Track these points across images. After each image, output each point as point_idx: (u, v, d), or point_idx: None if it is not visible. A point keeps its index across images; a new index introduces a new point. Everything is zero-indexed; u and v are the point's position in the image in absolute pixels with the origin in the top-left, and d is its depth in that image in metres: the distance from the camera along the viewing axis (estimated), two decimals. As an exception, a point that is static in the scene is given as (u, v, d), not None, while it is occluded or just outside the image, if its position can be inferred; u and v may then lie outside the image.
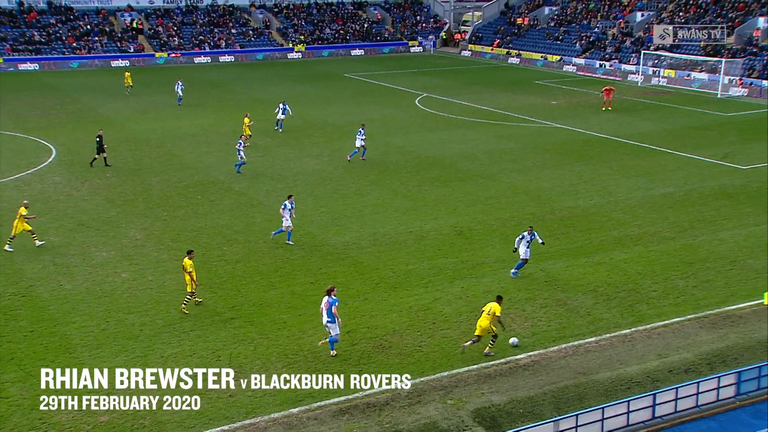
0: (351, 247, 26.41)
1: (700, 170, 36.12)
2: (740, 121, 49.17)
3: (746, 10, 69.49)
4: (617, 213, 29.82)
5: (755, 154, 39.26)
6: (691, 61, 66.40)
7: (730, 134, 44.70)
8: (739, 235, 27.14)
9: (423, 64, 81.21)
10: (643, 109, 53.94)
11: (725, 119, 49.86)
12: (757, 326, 20.29)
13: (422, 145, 41.79)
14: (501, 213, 29.90)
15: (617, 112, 52.30)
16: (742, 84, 60.36)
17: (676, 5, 76.68)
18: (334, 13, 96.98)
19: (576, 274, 23.77)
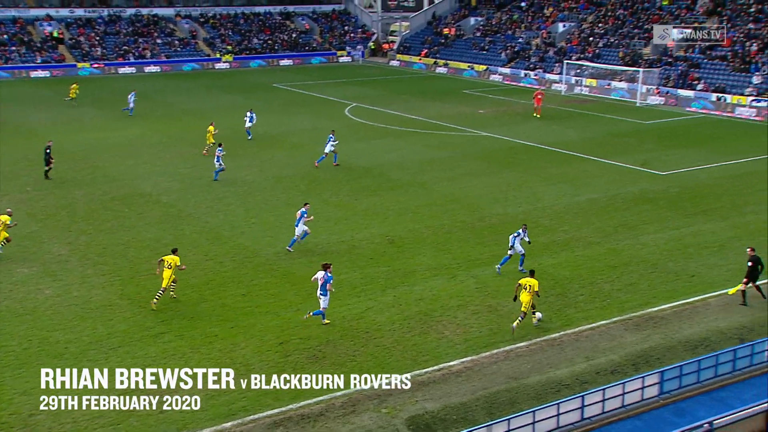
0: (283, 257, 26.18)
1: (622, 176, 37.20)
2: (658, 129, 50.89)
3: (661, 21, 72.07)
4: (544, 219, 30.43)
5: (673, 160, 40.67)
6: (611, 70, 68.45)
7: (648, 141, 46.21)
8: (660, 238, 28.03)
9: (352, 74, 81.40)
10: (567, 117, 55.30)
11: (644, 127, 51.52)
12: (678, 326, 20.98)
13: (353, 154, 41.81)
14: (432, 221, 30.14)
15: (542, 120, 53.46)
16: (659, 93, 62.51)
17: (596, 17, 79.00)
18: (262, 23, 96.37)
19: (506, 281, 24.11)
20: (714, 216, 30.72)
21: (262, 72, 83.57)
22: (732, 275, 24.38)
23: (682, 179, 36.65)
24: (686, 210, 31.54)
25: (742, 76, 60.13)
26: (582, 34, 77.21)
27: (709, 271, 24.88)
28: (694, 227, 29.29)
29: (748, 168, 38.89)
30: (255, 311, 21.97)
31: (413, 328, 20.91)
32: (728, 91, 59.31)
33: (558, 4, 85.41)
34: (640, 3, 77.23)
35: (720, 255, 26.33)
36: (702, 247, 27.04)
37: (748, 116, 55.19)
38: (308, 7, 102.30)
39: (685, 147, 44.36)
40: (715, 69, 62.85)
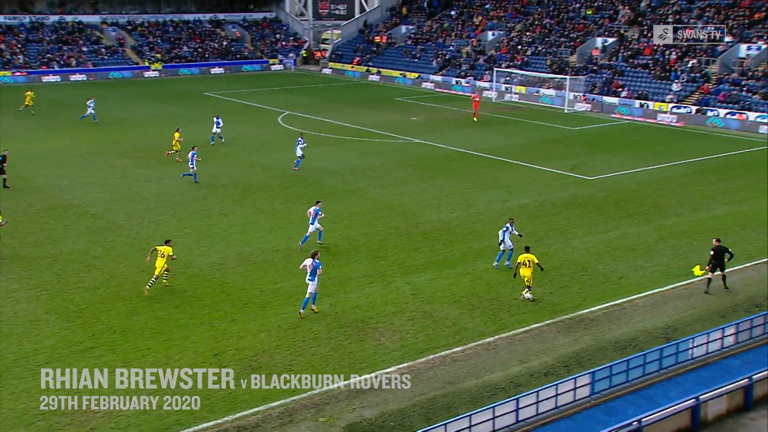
0: (217, 267, 25.82)
1: (552, 182, 37.97)
2: (586, 135, 52.19)
3: (585, 30, 74.07)
4: (478, 225, 30.81)
5: (600, 166, 41.75)
6: (540, 78, 69.93)
7: (577, 147, 47.32)
8: (589, 242, 28.71)
9: (284, 82, 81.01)
10: (498, 123, 56.20)
11: (572, 133, 52.77)
12: (608, 327, 21.50)
13: (286, 163, 41.56)
14: (366, 228, 30.17)
15: (473, 127, 54.19)
16: (585, 99, 64.14)
17: (524, 26, 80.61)
18: (191, 31, 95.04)
19: (441, 286, 24.32)
20: (639, 219, 31.64)
21: (192, 80, 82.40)
22: (657, 276, 25.17)
23: (609, 184, 37.64)
24: (613, 214, 32.40)
25: (663, 84, 62.25)
26: (511, 42, 78.66)
27: (636, 273, 25.60)
28: (620, 230, 30.10)
29: (669, 172, 40.22)
30: (189, 323, 21.59)
31: (350, 335, 20.87)
32: (650, 97, 61.30)
33: (487, 13, 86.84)
34: (566, 13, 79.24)
35: (646, 257, 27.12)
36: (629, 250, 27.81)
37: (669, 122, 57.13)
38: (239, 15, 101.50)
39: (610, 152, 45.60)
40: (637, 77, 64.89)
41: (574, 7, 79.36)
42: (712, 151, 45.86)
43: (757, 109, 54.93)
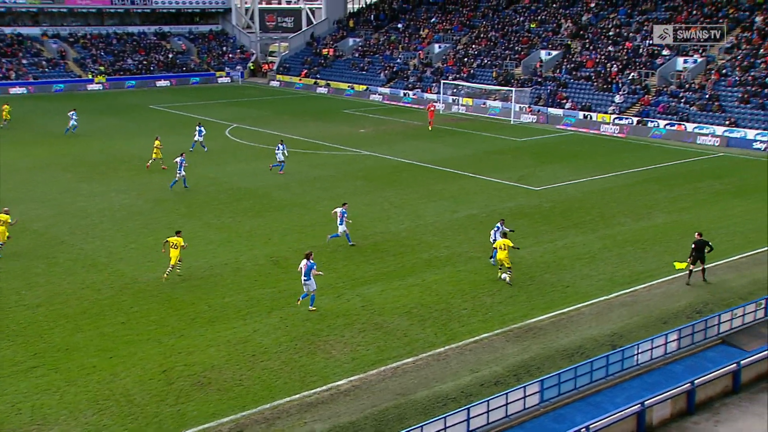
0: (164, 283, 25.40)
1: (500, 192, 38.42)
2: (532, 146, 52.99)
3: (530, 43, 75.36)
4: (427, 236, 30.96)
5: (546, 176, 42.41)
6: (486, 90, 70.81)
7: (523, 158, 48.00)
8: (536, 251, 29.10)
9: (232, 95, 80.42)
10: (446, 135, 56.67)
11: (519, 144, 53.53)
12: (555, 336, 21.80)
13: (234, 176, 41.23)
14: (316, 241, 30.05)
15: (422, 138, 54.56)
16: (531, 111, 65.16)
17: (470, 38, 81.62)
18: (136, 43, 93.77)
19: (391, 298, 24.36)
20: (585, 228, 32.21)
21: (137, 93, 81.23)
22: (603, 285, 25.64)
23: (555, 194, 38.25)
24: (559, 223, 32.92)
25: (606, 95, 63.63)
26: (457, 54, 79.55)
27: (582, 281, 26.03)
28: (567, 240, 30.59)
29: (613, 182, 41.08)
30: (136, 339, 21.18)
31: (300, 348, 20.74)
32: (593, 109, 62.58)
33: (433, 27, 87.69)
34: (510, 26, 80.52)
35: (591, 265, 27.61)
36: (575, 259, 28.27)
37: (612, 133, 58.38)
38: (184, 28, 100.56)
39: (556, 163, 46.36)
40: (581, 88, 66.21)
41: (519, 21, 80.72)
42: (653, 161, 47.01)
43: (694, 120, 56.49)
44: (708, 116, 56.21)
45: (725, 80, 59.01)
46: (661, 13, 70.32)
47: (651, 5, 71.98)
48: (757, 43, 61.02)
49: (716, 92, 58.02)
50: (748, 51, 60.80)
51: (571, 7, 78.57)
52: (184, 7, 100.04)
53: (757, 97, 55.57)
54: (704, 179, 41.79)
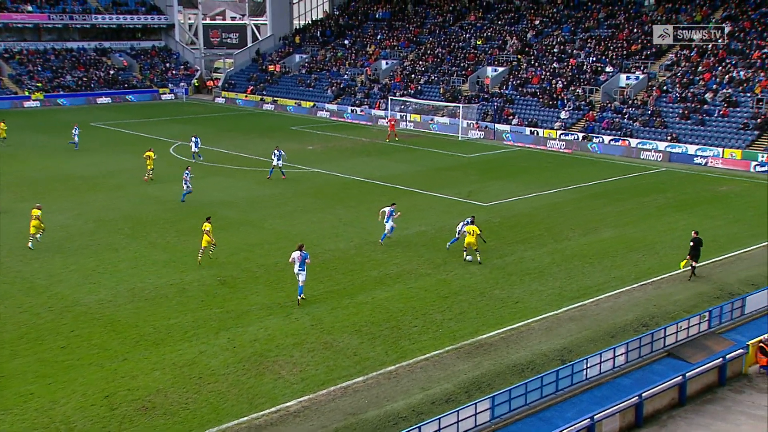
0: (107, 305, 24.88)
1: (449, 208, 38.72)
2: (480, 162, 53.60)
3: (476, 60, 76.45)
4: (377, 253, 31.00)
5: (494, 192, 42.92)
6: (433, 106, 71.49)
7: (471, 174, 48.51)
8: (486, 267, 29.36)
9: (176, 112, 79.55)
10: (394, 151, 56.95)
11: (467, 160, 54.10)
12: (506, 352, 21.99)
13: (180, 194, 40.69)
14: (264, 259, 29.83)
15: (370, 155, 54.75)
16: (478, 127, 65.96)
17: (416, 55, 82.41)
18: (75, 59, 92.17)
19: (341, 316, 24.28)
20: (533, 243, 32.65)
21: (77, 111, 79.73)
22: (552, 299, 25.99)
23: (503, 209, 38.72)
24: (508, 239, 33.30)
25: (552, 111, 64.86)
26: (404, 71, 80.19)
27: (532, 297, 26.35)
28: (516, 255, 30.96)
29: (560, 197, 41.79)
30: (76, 364, 20.66)
31: (249, 370, 20.50)
32: (540, 125, 63.70)
33: (380, 43, 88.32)
34: (456, 42, 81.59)
35: (541, 280, 27.98)
36: (524, 274, 28.62)
37: (558, 149, 59.48)
38: (125, 43, 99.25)
39: (504, 179, 46.98)
40: (527, 105, 67.36)
41: (465, 37, 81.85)
42: (599, 177, 48.00)
43: (638, 136, 57.96)
44: (650, 132, 57.75)
45: (666, 97, 60.75)
46: (604, 30, 72.18)
47: (594, 23, 73.83)
48: (696, 60, 63.05)
49: (658, 108, 59.68)
50: (687, 68, 62.77)
51: (516, 24, 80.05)
52: (125, 23, 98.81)
53: (697, 113, 57.34)
54: (649, 194, 42.83)
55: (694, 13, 67.28)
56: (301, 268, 24.61)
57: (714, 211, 38.76)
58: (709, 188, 45.00)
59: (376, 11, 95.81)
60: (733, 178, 48.10)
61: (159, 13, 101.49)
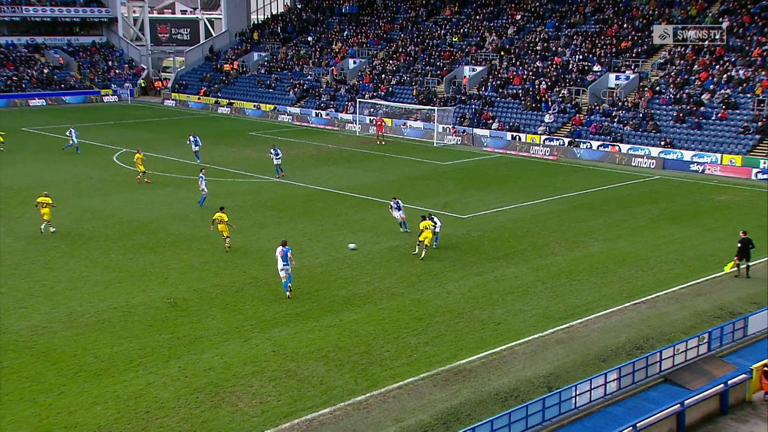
0: (40, 332, 24.54)
1: (423, 221, 38.79)
2: (457, 170, 53.89)
3: (452, 59, 77.00)
4: (345, 270, 30.98)
5: (473, 203, 43.16)
6: (406, 109, 71.81)
7: (448, 183, 48.73)
8: (465, 285, 29.49)
9: (120, 116, 79.03)
10: (363, 159, 57.06)
11: (443, 168, 54.36)
12: (487, 378, 22.07)
13: (125, 207, 40.35)
14: (220, 279, 29.67)
15: (337, 163, 54.79)
16: (455, 132, 66.39)
17: (387, 53, 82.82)
18: (4, 56, 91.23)
19: (305, 341, 24.21)
20: (516, 259, 32.87)
21: (6, 114, 78.84)
22: (537, 320, 26.16)
23: (483, 222, 38.93)
24: (489, 254, 33.49)
25: (535, 115, 65.51)
26: (374, 71, 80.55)
27: (515, 318, 26.49)
28: (497, 272, 31.13)
29: (545, 208, 42.15)
30: (5, 399, 20.33)
31: (203, 402, 20.35)
32: (522, 129, 64.29)
33: (347, 40, 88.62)
34: (431, 39, 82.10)
35: (524, 300, 28.15)
36: (506, 293, 28.78)
37: (542, 155, 60.02)
38: (62, 39, 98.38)
39: (484, 188, 47.26)
40: (508, 107, 67.97)
41: (440, 34, 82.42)
42: (587, 186, 48.52)
43: (628, 141, 58.68)
44: (642, 136, 58.53)
45: (659, 98, 61.65)
46: (591, 26, 73.11)
47: (580, 18, 74.74)
48: (691, 58, 64.02)
49: (650, 111, 60.54)
50: (681, 67, 63.73)
51: (496, 20, 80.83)
52: (61, 16, 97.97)
53: (693, 116, 58.21)
54: (640, 204, 43.37)
55: (689, 7, 68.33)
56: (285, 263, 27.28)
57: (712, 223, 39.34)
58: (706, 198, 45.70)
59: (342, 5, 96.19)
60: (733, 187, 48.90)
61: (100, 6, 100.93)
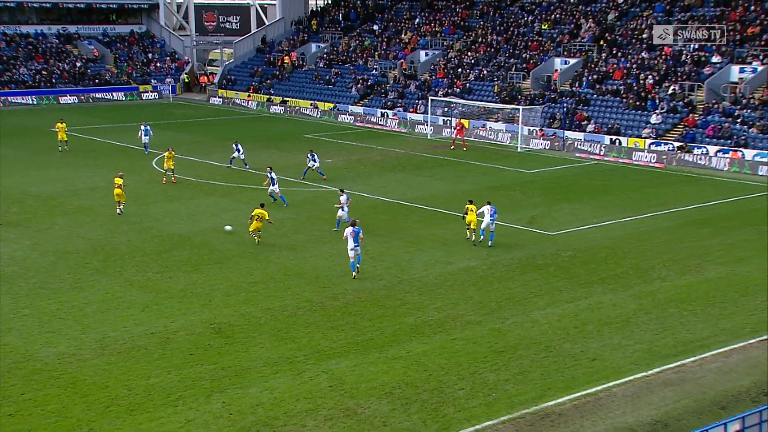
0: (68, 360, 25.11)
1: (505, 238, 38.59)
2: (544, 179, 53.48)
3: (541, 49, 76.51)
4: (413, 294, 30.98)
5: (563, 218, 42.73)
6: (486, 108, 71.59)
7: (534, 194, 48.38)
8: (553, 314, 29.18)
9: (160, 115, 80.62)
10: (435, 166, 57.06)
11: (528, 176, 54.01)
12: (580, 424, 21.77)
13: (164, 219, 41.10)
14: (270, 302, 29.96)
15: (405, 171, 54.91)
16: (543, 135, 65.93)
17: (464, 44, 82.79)
18: (32, 47, 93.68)
19: (367, 375, 24.24)
20: (614, 285, 32.41)
21: (33, 113, 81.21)
22: (640, 357, 25.70)
23: (575, 240, 38.51)
24: (582, 278, 33.09)
25: (639, 115, 64.61)
26: (449, 64, 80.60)
27: (613, 353, 26.08)
28: (592, 299, 30.73)
29: (650, 225, 41.49)
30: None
31: (248, 444, 20.54)
32: (623, 132, 63.47)
33: (418, 29, 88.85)
34: (516, 27, 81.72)
35: (624, 332, 27.70)
36: (603, 324, 28.37)
37: (647, 162, 59.13)
38: (97, 28, 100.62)
39: (576, 201, 46.78)
40: (607, 106, 67.19)
41: (527, 21, 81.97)
42: (701, 199, 47.60)
43: (754, 146, 57.31)
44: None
45: (791, 94, 60.21)
46: (710, 9, 71.36)
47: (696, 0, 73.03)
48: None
49: (780, 110, 59.13)
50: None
51: (593, 3, 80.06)
52: (96, 2, 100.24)
53: (832, 117, 56.66)
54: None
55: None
56: (356, 244, 31.74)
57: None
58: None
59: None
60: None
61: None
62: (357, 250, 31.79)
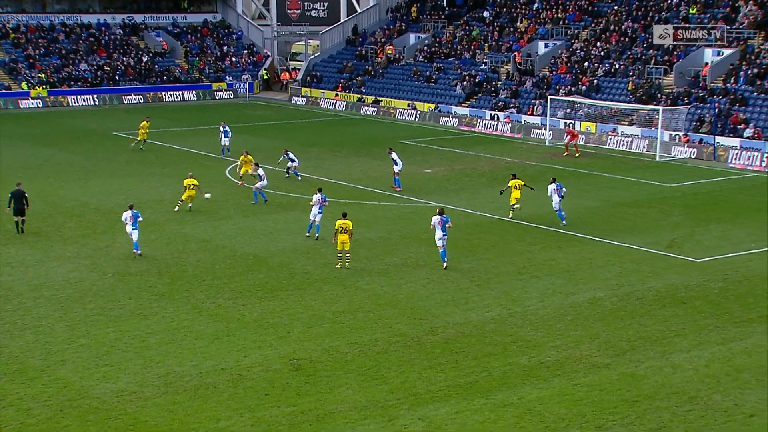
0: (128, 398, 25.58)
1: (639, 265, 38.04)
2: (689, 194, 52.51)
3: (686, 38, 75.15)
4: (526, 330, 30.73)
5: (712, 241, 41.87)
6: (617, 110, 70.71)
7: (675, 212, 47.56)
8: (699, 358, 28.56)
9: (236, 117, 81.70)
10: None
11: (667, 191, 53.13)
12: (731, 490, 21.27)
13: (238, 237, 41.65)
14: (358, 335, 30.05)
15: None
16: (688, 141, 64.77)
17: (592, 32, 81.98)
18: (94, 39, 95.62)
19: (471, 424, 24.11)
20: (776, 323, 31.62)
21: (94, 113, 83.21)
22: (805, 410, 24.98)
23: (727, 269, 37.70)
24: (736, 315, 32.35)
25: (810, 118, 63.04)
26: (573, 57, 79.95)
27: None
28: (748, 341, 30.00)
29: (820, 251, 40.37)
30: (83, 483, 21.32)
31: (332, 502, 20.63)
32: (789, 139, 61.97)
33: (537, 16, 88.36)
34: (655, 12, 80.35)
35: (788, 381, 27.00)
36: (762, 372, 27.62)
37: (822, 175, 57.66)
38: (166, 17, 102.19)
39: (728, 221, 45.83)
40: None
41: (669, 4, 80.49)
42: None
43: None
44: None
45: None
46: None
47: None
48: None
49: None
50: None
51: (752, -17, 78.48)
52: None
53: None
54: None
55: None
56: (444, 233, 35.72)
57: None
58: None
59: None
60: None
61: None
62: (445, 240, 35.99)
